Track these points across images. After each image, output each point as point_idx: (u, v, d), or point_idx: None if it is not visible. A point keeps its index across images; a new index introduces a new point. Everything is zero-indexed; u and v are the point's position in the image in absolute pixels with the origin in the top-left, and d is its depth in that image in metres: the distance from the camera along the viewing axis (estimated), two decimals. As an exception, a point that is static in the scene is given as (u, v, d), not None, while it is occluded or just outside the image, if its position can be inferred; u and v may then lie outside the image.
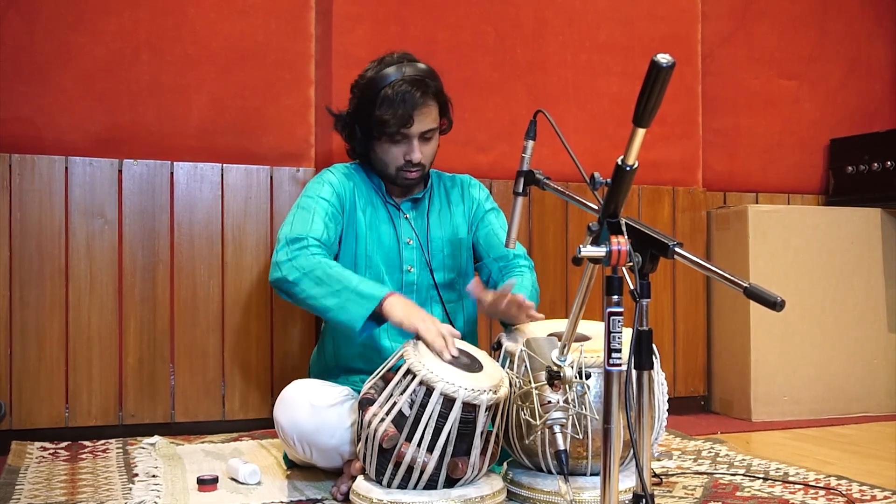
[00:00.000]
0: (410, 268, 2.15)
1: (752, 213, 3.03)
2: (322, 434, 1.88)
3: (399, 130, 2.03)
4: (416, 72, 2.04)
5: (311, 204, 2.06)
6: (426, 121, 2.06)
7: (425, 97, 2.04)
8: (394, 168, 2.10)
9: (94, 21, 2.57)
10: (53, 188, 2.52)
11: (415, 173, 2.10)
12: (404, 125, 2.02)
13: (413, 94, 2.01)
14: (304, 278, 1.90)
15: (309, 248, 1.95)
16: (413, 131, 2.05)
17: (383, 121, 2.01)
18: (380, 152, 2.10)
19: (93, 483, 2.02)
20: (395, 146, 2.07)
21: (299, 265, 1.92)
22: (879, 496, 1.94)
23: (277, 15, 2.74)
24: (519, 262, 2.23)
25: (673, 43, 3.18)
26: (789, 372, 3.04)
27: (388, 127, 2.02)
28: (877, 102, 3.60)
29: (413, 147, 2.06)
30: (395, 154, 2.08)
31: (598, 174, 1.46)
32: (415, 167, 2.09)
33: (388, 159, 2.09)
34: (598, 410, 1.76)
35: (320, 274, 1.89)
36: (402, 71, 2.04)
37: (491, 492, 1.73)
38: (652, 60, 1.21)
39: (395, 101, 2.00)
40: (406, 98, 2.00)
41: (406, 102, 2.00)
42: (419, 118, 2.04)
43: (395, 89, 2.01)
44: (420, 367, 1.69)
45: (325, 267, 1.91)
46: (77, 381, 2.53)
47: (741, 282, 1.30)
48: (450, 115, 2.17)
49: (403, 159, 2.08)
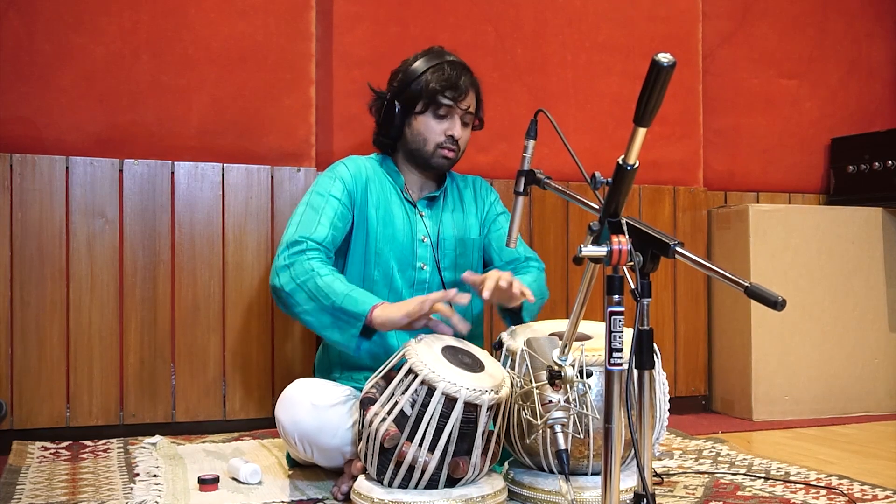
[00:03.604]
0: (423, 265, 2.16)
1: (752, 212, 3.03)
2: (323, 433, 1.88)
3: (451, 100, 2.09)
4: (461, 61, 2.16)
5: (319, 202, 2.06)
6: (470, 102, 2.14)
7: (472, 81, 2.15)
8: (433, 144, 2.12)
9: (94, 21, 2.57)
10: (54, 188, 2.52)
11: (452, 153, 2.14)
12: (456, 94, 2.09)
13: (464, 72, 2.12)
14: (298, 290, 1.91)
15: (306, 253, 1.95)
16: (461, 106, 2.11)
17: (435, 90, 2.08)
18: (420, 128, 2.13)
19: (94, 483, 2.02)
20: (439, 121, 2.11)
21: (295, 274, 1.93)
22: (881, 496, 1.94)
23: (277, 15, 2.74)
24: (530, 264, 2.25)
25: (673, 43, 3.18)
26: (790, 371, 3.04)
27: (439, 95, 2.08)
28: (877, 102, 3.60)
29: (456, 122, 2.12)
30: (437, 129, 2.12)
31: (599, 174, 1.46)
32: (453, 146, 2.13)
33: (428, 134, 2.12)
34: (599, 410, 1.76)
35: (312, 286, 1.90)
36: (449, 56, 2.14)
37: (492, 491, 1.73)
38: (653, 60, 1.21)
39: (449, 73, 2.09)
40: (459, 73, 2.11)
41: (460, 76, 2.10)
42: (467, 96, 2.12)
43: (447, 66, 2.11)
44: (422, 367, 1.69)
45: (316, 278, 1.91)
46: (78, 381, 2.53)
47: (742, 281, 1.30)
48: (482, 114, 2.23)
49: (444, 135, 2.12)
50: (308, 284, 1.90)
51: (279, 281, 1.95)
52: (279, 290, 1.95)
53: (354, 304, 1.86)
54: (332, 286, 1.89)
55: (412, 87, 2.10)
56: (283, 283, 1.94)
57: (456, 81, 2.08)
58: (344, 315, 1.87)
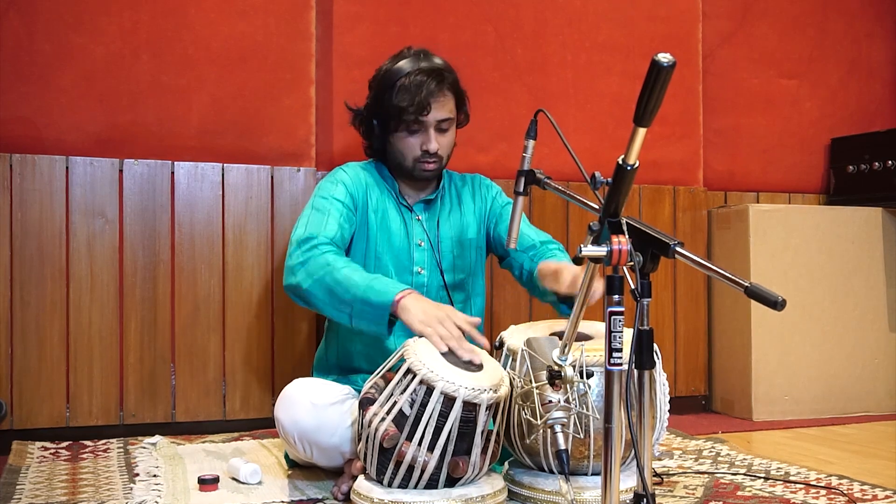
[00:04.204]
0: (420, 269, 2.15)
1: (752, 212, 3.03)
2: (323, 433, 1.88)
3: (416, 118, 2.04)
4: (432, 64, 2.08)
5: (325, 205, 2.06)
6: (442, 110, 2.08)
7: (441, 86, 2.06)
8: (411, 160, 2.10)
9: (94, 21, 2.57)
10: (54, 188, 2.52)
11: (432, 164, 2.11)
12: (420, 112, 2.04)
13: (429, 82, 2.04)
14: (316, 286, 1.88)
15: (319, 248, 1.94)
16: (430, 119, 2.06)
17: (400, 108, 2.03)
18: (397, 144, 2.11)
19: (94, 483, 2.02)
20: (412, 136, 2.08)
21: (311, 270, 1.90)
22: (881, 495, 1.94)
23: (277, 15, 2.74)
24: (549, 248, 2.21)
25: (673, 43, 3.18)
26: (790, 371, 3.04)
27: (404, 114, 2.03)
28: (877, 102, 3.60)
29: (430, 136, 2.08)
30: (412, 144, 2.09)
31: (599, 174, 1.46)
32: (432, 158, 2.10)
33: (405, 150, 2.10)
34: (599, 410, 1.76)
35: (330, 281, 1.87)
36: (419, 63, 2.07)
37: (492, 491, 1.73)
38: (653, 60, 1.21)
39: (411, 88, 2.03)
40: (422, 86, 2.03)
41: (422, 90, 2.03)
42: (435, 106, 2.06)
43: (411, 78, 2.04)
44: (420, 367, 1.69)
45: (334, 271, 1.88)
46: (78, 381, 2.53)
47: (742, 281, 1.30)
48: (466, 108, 2.19)
49: (420, 150, 2.09)
50: (326, 279, 1.87)
51: (295, 279, 1.92)
52: (296, 288, 1.93)
53: (377, 295, 1.83)
54: (352, 278, 1.86)
55: (383, 106, 2.07)
56: (299, 281, 1.91)
57: (418, 96, 2.02)
58: (369, 307, 1.83)
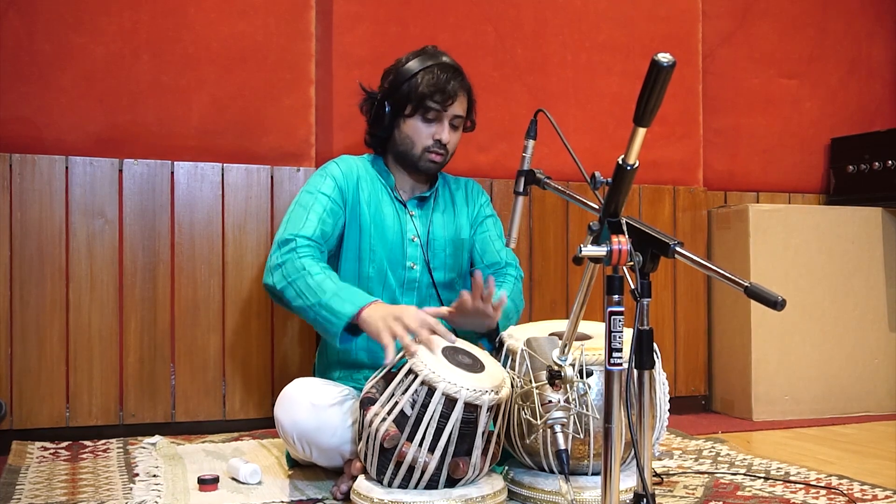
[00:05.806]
0: (413, 265, 2.16)
1: (752, 212, 3.03)
2: (322, 433, 1.88)
3: (437, 107, 2.08)
4: (455, 64, 2.15)
5: (308, 200, 2.08)
6: (460, 107, 2.14)
7: (462, 84, 2.13)
8: (420, 148, 2.13)
9: (94, 21, 2.57)
10: (54, 188, 2.52)
11: (439, 156, 2.14)
12: (444, 101, 2.09)
13: (454, 76, 2.10)
14: (288, 288, 1.94)
15: (297, 251, 1.97)
16: (448, 112, 2.11)
17: (423, 94, 2.07)
18: (408, 131, 2.13)
19: (93, 483, 2.02)
20: (427, 125, 2.11)
21: (286, 272, 1.95)
22: (881, 496, 1.94)
23: (277, 15, 2.74)
24: (508, 271, 2.24)
25: (673, 43, 3.18)
26: (790, 371, 3.04)
27: (427, 100, 2.08)
28: (877, 102, 3.60)
29: (444, 127, 2.12)
30: (425, 133, 2.12)
31: (599, 174, 1.46)
32: (441, 150, 2.13)
33: (416, 138, 2.12)
34: (599, 410, 1.76)
35: (301, 285, 1.92)
36: (443, 58, 2.13)
37: (492, 491, 1.73)
38: (653, 60, 1.21)
39: (438, 77, 2.08)
40: (449, 77, 2.09)
41: (449, 82, 2.09)
42: (456, 101, 2.11)
43: (438, 69, 2.09)
44: (422, 367, 1.69)
45: (306, 276, 1.92)
46: (77, 381, 2.53)
47: (742, 281, 1.30)
48: (474, 116, 2.23)
49: (432, 139, 2.12)
50: (298, 283, 1.93)
51: (272, 279, 1.99)
52: (272, 288, 1.99)
53: (342, 304, 1.85)
54: (322, 285, 1.90)
55: (402, 90, 2.10)
56: (275, 282, 1.97)
57: (445, 86, 2.08)
58: (327, 313, 1.87)
